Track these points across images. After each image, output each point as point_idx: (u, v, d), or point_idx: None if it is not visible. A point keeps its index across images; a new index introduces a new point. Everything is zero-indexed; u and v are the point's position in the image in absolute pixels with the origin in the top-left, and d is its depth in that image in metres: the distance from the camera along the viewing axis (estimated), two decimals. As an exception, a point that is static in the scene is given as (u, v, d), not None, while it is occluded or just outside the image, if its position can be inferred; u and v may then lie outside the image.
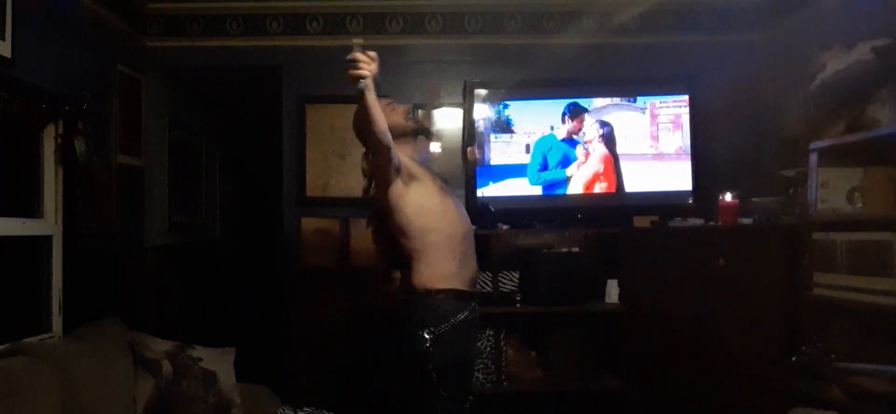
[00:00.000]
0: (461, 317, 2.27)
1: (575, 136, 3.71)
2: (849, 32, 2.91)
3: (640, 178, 3.69)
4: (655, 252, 3.37)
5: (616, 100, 3.72)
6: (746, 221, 3.28)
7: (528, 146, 3.69)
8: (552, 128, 3.70)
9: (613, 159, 3.71)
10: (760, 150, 3.71)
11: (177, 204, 4.16)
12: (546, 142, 3.70)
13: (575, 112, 3.71)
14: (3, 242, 2.50)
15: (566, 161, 3.69)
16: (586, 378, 3.50)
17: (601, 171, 3.70)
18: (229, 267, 5.14)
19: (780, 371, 2.78)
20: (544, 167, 3.68)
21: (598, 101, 3.72)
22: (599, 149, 3.70)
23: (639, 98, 3.71)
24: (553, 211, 3.65)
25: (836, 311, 2.70)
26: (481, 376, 3.45)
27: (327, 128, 3.86)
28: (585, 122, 3.71)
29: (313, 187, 3.84)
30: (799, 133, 3.30)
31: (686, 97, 3.71)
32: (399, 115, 2.46)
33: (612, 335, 3.53)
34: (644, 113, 3.71)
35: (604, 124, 3.72)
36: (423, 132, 2.59)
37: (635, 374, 3.37)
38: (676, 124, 3.71)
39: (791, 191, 3.30)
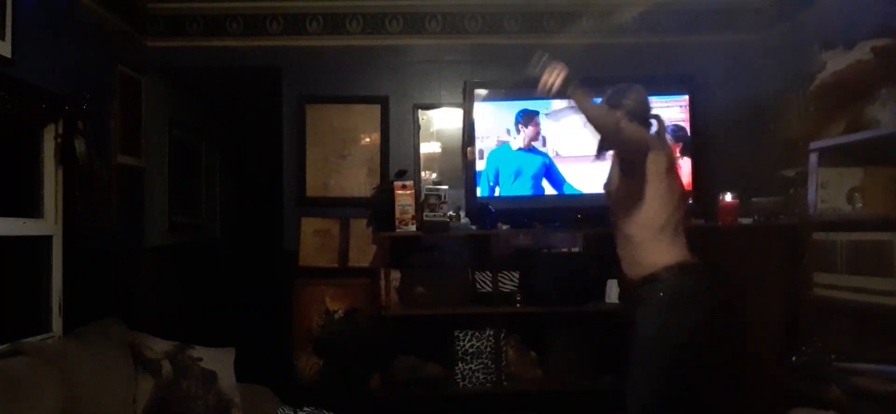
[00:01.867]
0: None
1: (535, 144, 3.65)
2: (849, 32, 2.91)
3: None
4: (655, 252, 3.36)
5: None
6: (746, 220, 3.28)
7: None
8: (510, 134, 3.67)
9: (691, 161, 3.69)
10: (760, 151, 3.71)
11: (177, 204, 4.16)
12: (499, 153, 3.65)
13: (527, 118, 3.65)
14: (3, 241, 2.50)
15: (518, 173, 3.63)
16: (586, 378, 3.49)
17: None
18: (229, 267, 5.14)
19: (780, 371, 2.78)
20: (496, 182, 3.63)
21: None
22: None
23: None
24: (553, 211, 3.64)
25: (836, 311, 2.70)
26: (481, 376, 3.46)
27: (327, 128, 3.86)
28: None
29: (313, 187, 3.85)
30: (799, 133, 3.31)
31: (686, 97, 3.71)
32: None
33: (612, 335, 3.52)
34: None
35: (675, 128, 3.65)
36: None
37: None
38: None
39: (791, 191, 3.30)
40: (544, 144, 3.67)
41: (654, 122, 2.50)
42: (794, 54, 3.43)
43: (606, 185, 2.62)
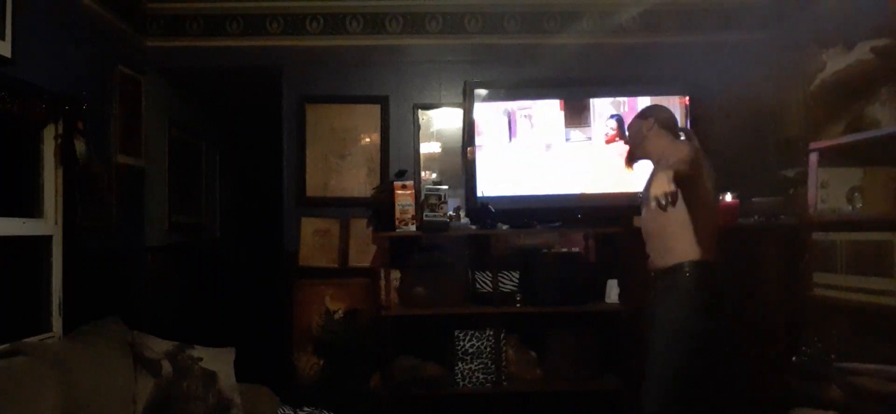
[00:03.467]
0: None
1: None
2: (849, 32, 2.91)
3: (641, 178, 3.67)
4: (656, 252, 3.36)
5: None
6: (746, 221, 3.28)
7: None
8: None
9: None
10: (760, 151, 3.71)
11: (177, 204, 4.15)
12: None
13: None
14: (3, 241, 2.50)
15: None
16: (586, 378, 3.50)
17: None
18: (229, 267, 5.14)
19: (780, 371, 2.78)
20: None
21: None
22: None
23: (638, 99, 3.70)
24: (553, 211, 3.63)
25: (836, 311, 2.71)
26: (481, 376, 3.46)
27: (327, 128, 3.86)
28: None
29: (313, 187, 3.85)
30: (799, 133, 3.31)
31: (686, 97, 3.71)
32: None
33: (612, 335, 3.53)
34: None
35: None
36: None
37: (635, 374, 3.36)
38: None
39: (791, 191, 3.30)
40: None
41: (682, 134, 2.76)
42: (794, 54, 3.43)
43: (646, 187, 2.71)
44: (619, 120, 3.69)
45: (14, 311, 2.59)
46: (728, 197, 3.32)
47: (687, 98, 3.71)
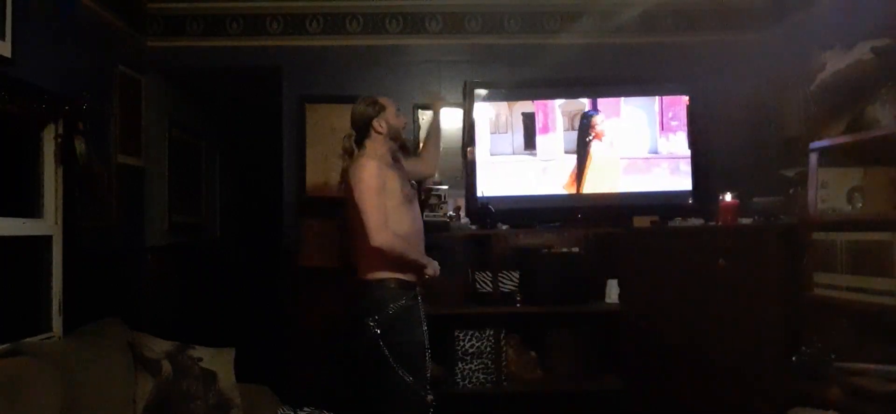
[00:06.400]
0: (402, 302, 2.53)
1: None
2: (849, 32, 2.91)
3: (642, 178, 3.68)
4: (655, 252, 3.37)
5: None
6: (746, 220, 3.28)
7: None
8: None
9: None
10: (760, 150, 3.71)
11: (177, 204, 4.16)
12: None
13: None
14: (3, 241, 2.50)
15: None
16: (586, 378, 3.50)
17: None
18: (229, 267, 5.14)
19: (780, 371, 2.78)
20: None
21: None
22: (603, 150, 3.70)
23: (642, 99, 3.70)
24: (553, 211, 3.63)
25: (836, 311, 2.70)
26: (481, 376, 3.46)
27: (327, 128, 3.86)
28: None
29: (313, 187, 3.85)
30: (799, 133, 3.31)
31: (686, 97, 3.71)
32: (401, 123, 2.88)
33: (612, 335, 3.53)
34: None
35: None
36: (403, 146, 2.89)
37: (635, 374, 3.36)
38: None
39: (791, 191, 3.30)
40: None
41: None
42: (794, 54, 3.43)
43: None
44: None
45: (14, 311, 2.59)
46: (728, 197, 3.32)
47: (687, 98, 3.71)
